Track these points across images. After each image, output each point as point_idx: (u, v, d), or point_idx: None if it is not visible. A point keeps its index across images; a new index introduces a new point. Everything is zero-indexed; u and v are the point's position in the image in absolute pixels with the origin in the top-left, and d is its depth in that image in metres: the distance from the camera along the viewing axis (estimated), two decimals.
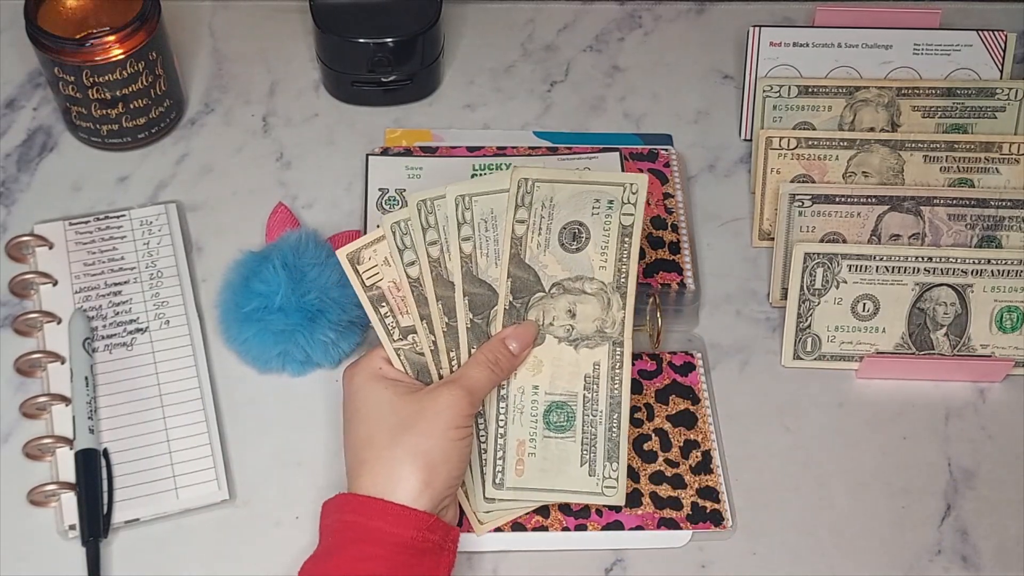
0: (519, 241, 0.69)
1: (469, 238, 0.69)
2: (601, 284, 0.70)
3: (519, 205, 0.68)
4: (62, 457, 0.73)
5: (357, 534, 0.62)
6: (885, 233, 0.82)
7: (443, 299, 0.69)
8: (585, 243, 0.70)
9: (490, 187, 0.69)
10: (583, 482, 0.70)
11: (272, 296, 0.74)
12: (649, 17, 1.00)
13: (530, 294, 0.70)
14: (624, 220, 0.70)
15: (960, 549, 0.73)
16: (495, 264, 0.69)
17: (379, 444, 0.64)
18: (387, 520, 0.62)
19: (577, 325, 0.70)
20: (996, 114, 0.88)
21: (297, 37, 0.97)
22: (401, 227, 0.69)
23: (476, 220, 0.69)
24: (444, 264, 0.69)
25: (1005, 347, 0.80)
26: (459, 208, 0.69)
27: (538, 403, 0.70)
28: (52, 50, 0.81)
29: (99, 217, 0.83)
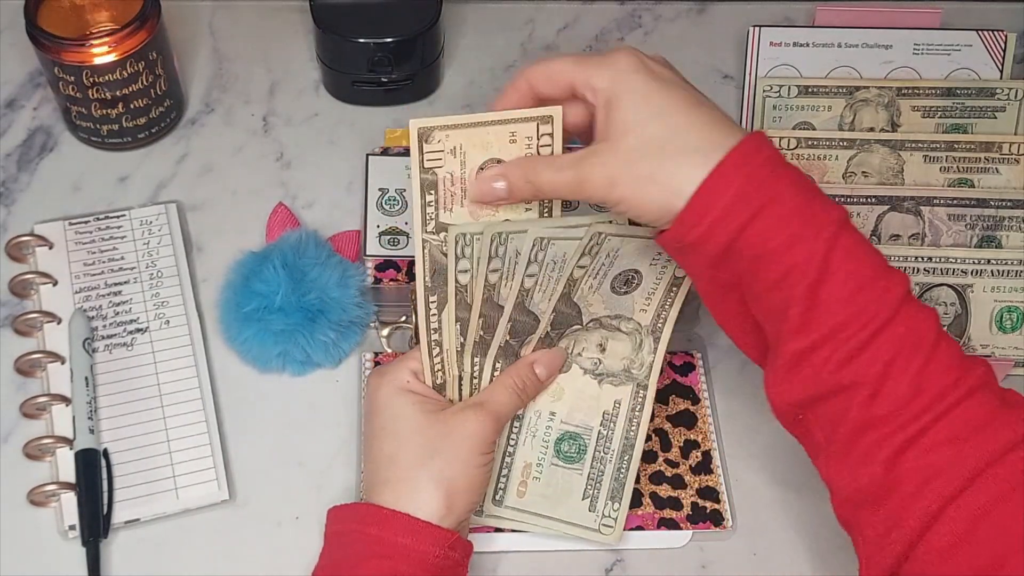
0: (573, 283, 0.68)
1: (534, 275, 0.67)
2: (637, 325, 0.70)
3: (585, 254, 0.67)
4: (62, 457, 0.73)
5: (381, 549, 0.61)
6: (885, 233, 0.82)
7: (486, 316, 0.68)
8: (635, 288, 0.69)
9: (569, 235, 0.67)
10: (582, 516, 0.71)
11: (272, 296, 0.74)
12: (649, 17, 1.00)
13: (568, 327, 0.69)
14: (679, 272, 0.69)
15: None
16: (548, 300, 0.68)
17: (403, 465, 0.64)
18: (413, 537, 0.61)
19: (605, 360, 0.70)
20: (996, 114, 0.88)
21: (297, 37, 0.97)
22: (465, 239, 0.66)
23: (546, 261, 0.67)
24: (499, 290, 0.68)
25: (1005, 347, 0.80)
26: (534, 249, 0.66)
27: (552, 430, 0.70)
28: (52, 50, 0.81)
29: (99, 217, 0.83)
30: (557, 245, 0.67)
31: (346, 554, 0.63)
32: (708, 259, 0.59)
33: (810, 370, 0.58)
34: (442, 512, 0.62)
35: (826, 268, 0.57)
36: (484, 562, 0.72)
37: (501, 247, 0.66)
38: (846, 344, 0.57)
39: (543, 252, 0.67)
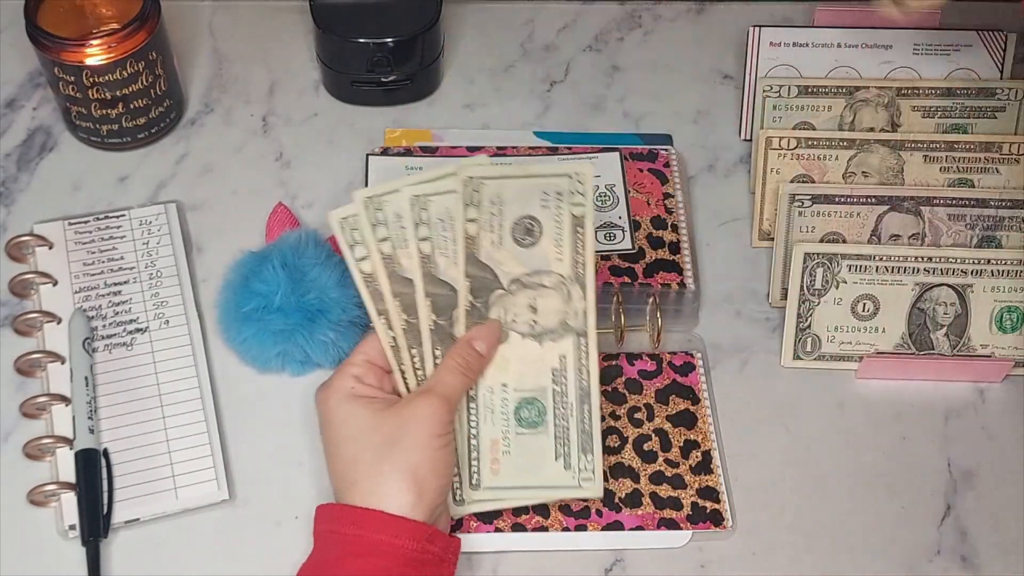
0: (473, 240, 0.68)
1: (427, 238, 0.68)
2: (560, 277, 0.70)
3: (468, 204, 0.68)
4: (62, 457, 0.73)
5: (359, 548, 0.62)
6: (885, 233, 0.82)
7: (400, 295, 0.69)
8: (539, 237, 0.69)
9: (445, 187, 0.69)
10: (559, 477, 0.70)
11: (272, 296, 0.74)
12: (649, 17, 1.00)
13: (489, 292, 0.69)
14: (575, 211, 0.69)
15: (960, 549, 0.74)
16: (455, 264, 0.69)
17: (365, 463, 0.64)
18: (388, 532, 0.62)
19: (540, 320, 0.70)
20: (996, 114, 0.88)
21: (297, 37, 0.97)
22: (351, 221, 0.69)
23: (433, 220, 0.68)
24: (398, 260, 0.69)
25: (1005, 347, 0.80)
26: (415, 208, 0.68)
27: (508, 401, 0.70)
28: (52, 50, 0.81)
29: (99, 217, 0.83)
30: (437, 201, 0.68)
31: (326, 556, 0.63)
32: None
33: None
34: (413, 500, 0.63)
35: None
36: (484, 562, 0.72)
37: (379, 212, 0.68)
38: None
39: (425, 211, 0.68)
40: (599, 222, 0.84)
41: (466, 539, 0.71)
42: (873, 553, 0.73)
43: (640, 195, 0.85)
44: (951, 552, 0.73)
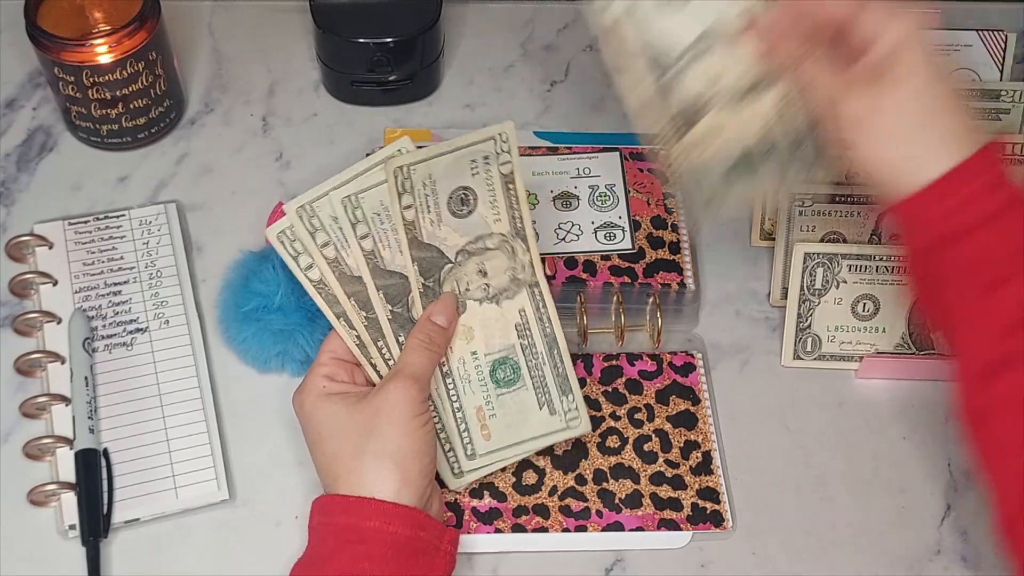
0: (412, 225, 0.70)
1: (367, 235, 0.70)
2: (501, 236, 0.71)
3: (402, 192, 0.69)
4: (62, 457, 0.73)
5: (351, 536, 0.62)
6: (885, 233, 0.82)
7: (354, 295, 0.70)
8: (475, 204, 0.70)
9: (374, 181, 0.70)
10: (547, 423, 0.71)
11: (271, 296, 0.74)
12: None
13: (439, 269, 0.70)
14: (503, 170, 0.71)
15: (960, 549, 0.73)
16: (399, 252, 0.70)
17: (347, 456, 0.64)
18: (380, 519, 0.62)
19: (491, 282, 0.71)
20: (1001, 116, 0.87)
21: (297, 37, 0.96)
22: (288, 234, 0.70)
23: (369, 216, 0.70)
24: (344, 261, 0.70)
25: None
26: (348, 209, 0.69)
27: (481, 367, 0.71)
28: (52, 50, 0.81)
29: (99, 217, 0.83)
30: (369, 197, 0.70)
31: (320, 547, 0.64)
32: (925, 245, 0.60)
33: None
34: (397, 485, 0.63)
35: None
36: (484, 562, 0.72)
37: (313, 219, 0.70)
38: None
39: (359, 209, 0.69)
40: (600, 222, 0.84)
41: (466, 539, 0.72)
42: (873, 553, 0.73)
43: (640, 195, 0.85)
44: (951, 552, 0.73)
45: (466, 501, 0.73)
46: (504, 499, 0.73)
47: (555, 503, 0.73)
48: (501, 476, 0.74)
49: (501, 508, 0.73)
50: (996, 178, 0.59)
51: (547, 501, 0.73)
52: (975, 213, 0.59)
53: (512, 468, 0.74)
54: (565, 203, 0.85)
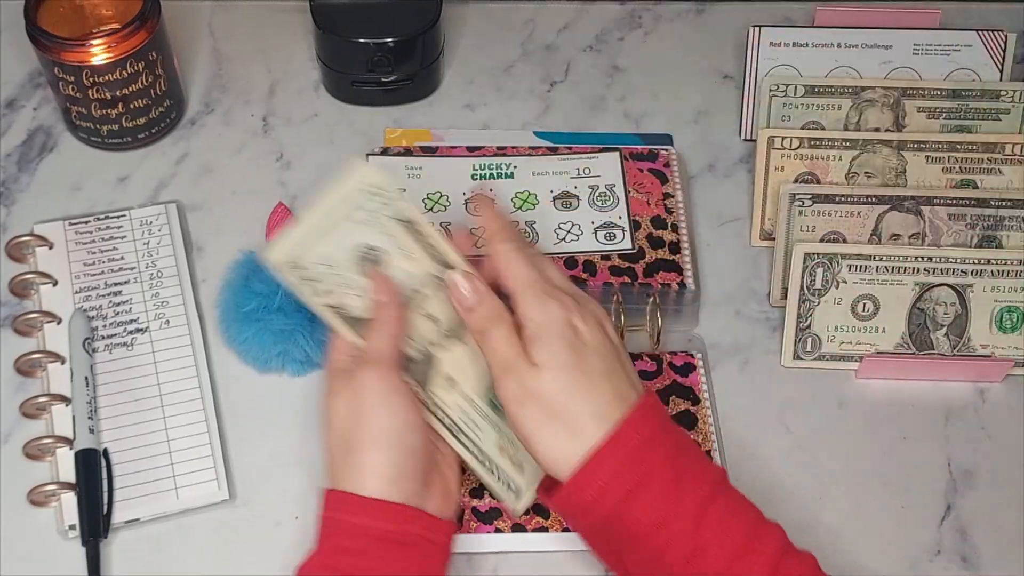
0: (341, 308, 0.67)
1: (330, 292, 0.67)
2: (429, 275, 0.68)
3: (314, 292, 0.67)
4: (62, 457, 0.73)
5: (341, 530, 0.63)
6: (885, 233, 0.82)
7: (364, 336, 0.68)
8: (387, 257, 0.68)
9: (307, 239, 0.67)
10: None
11: (272, 296, 0.74)
12: (649, 17, 1.00)
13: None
14: (399, 216, 0.67)
15: (960, 549, 0.73)
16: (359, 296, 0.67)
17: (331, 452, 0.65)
18: (366, 515, 0.62)
19: (443, 323, 0.68)
20: (1000, 116, 0.87)
21: (297, 37, 0.97)
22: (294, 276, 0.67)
23: (317, 274, 0.67)
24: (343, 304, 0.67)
25: (1005, 347, 0.80)
26: (296, 275, 0.67)
27: (480, 406, 0.68)
28: (52, 50, 0.81)
29: (99, 217, 0.83)
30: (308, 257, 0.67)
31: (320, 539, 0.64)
32: (591, 529, 0.63)
33: None
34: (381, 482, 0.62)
35: (698, 543, 0.60)
36: (484, 562, 0.72)
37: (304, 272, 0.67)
38: None
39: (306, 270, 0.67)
40: (600, 222, 0.84)
41: (466, 539, 0.72)
42: (873, 553, 0.73)
43: (640, 195, 0.85)
44: (951, 552, 0.73)
45: (466, 501, 0.73)
46: None
47: None
48: None
49: (501, 508, 0.73)
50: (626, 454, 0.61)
51: None
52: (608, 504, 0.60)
53: None
54: (565, 203, 0.85)
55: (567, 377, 0.62)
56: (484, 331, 0.65)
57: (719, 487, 0.62)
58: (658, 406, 0.65)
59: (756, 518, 0.62)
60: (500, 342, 0.64)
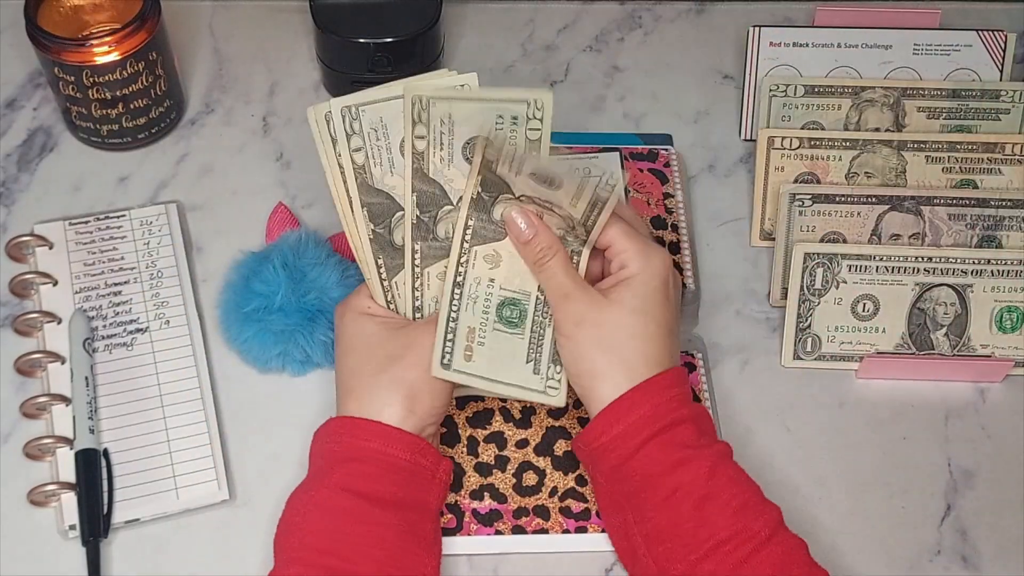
0: (421, 156, 0.69)
1: (360, 148, 0.69)
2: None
3: (416, 122, 0.68)
4: (62, 457, 0.73)
5: (351, 454, 0.65)
6: (885, 233, 0.82)
7: (368, 205, 0.69)
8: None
9: (376, 96, 0.69)
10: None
11: (272, 296, 0.74)
12: (649, 17, 1.00)
13: (437, 208, 0.70)
14: (531, 135, 0.69)
15: (960, 549, 0.74)
16: (391, 173, 0.69)
17: (365, 374, 0.67)
18: (381, 441, 0.65)
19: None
20: (1000, 116, 0.87)
21: (297, 37, 0.97)
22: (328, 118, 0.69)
23: (366, 130, 0.69)
24: (370, 171, 0.69)
25: (1005, 347, 0.80)
26: (346, 120, 0.68)
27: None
28: (52, 50, 0.81)
29: (99, 217, 0.83)
30: (368, 111, 0.69)
31: (317, 468, 0.66)
32: (607, 472, 0.66)
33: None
34: (403, 413, 0.66)
35: (710, 491, 0.63)
36: (484, 563, 0.72)
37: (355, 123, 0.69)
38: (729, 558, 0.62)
39: (357, 121, 0.69)
40: None
41: (466, 541, 0.72)
42: (873, 553, 0.73)
43: (640, 195, 0.85)
44: (951, 552, 0.73)
45: (466, 503, 0.73)
46: (504, 500, 0.73)
47: (555, 504, 0.73)
48: (501, 477, 0.74)
49: (501, 509, 0.73)
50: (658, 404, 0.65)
51: (547, 502, 0.74)
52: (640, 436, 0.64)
53: (512, 469, 0.74)
54: None
55: (636, 320, 0.66)
56: (541, 261, 0.67)
57: (728, 456, 0.67)
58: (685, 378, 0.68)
59: (759, 490, 0.66)
60: (558, 271, 0.67)
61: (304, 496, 0.66)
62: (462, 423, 0.76)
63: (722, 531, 0.62)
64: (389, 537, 0.64)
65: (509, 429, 0.76)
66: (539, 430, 0.76)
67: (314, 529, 0.64)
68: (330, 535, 0.63)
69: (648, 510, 0.64)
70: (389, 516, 0.64)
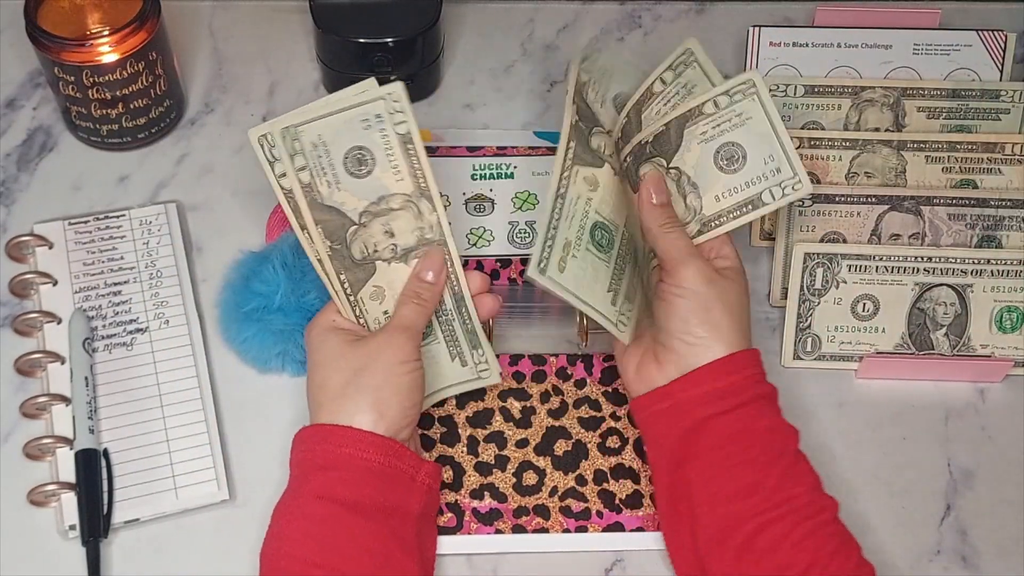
0: (309, 188, 0.69)
1: (304, 167, 0.69)
2: (405, 196, 0.71)
3: (294, 154, 0.68)
4: (62, 457, 0.73)
5: (326, 462, 0.65)
6: (885, 233, 0.82)
7: (321, 222, 0.70)
8: (373, 165, 0.70)
9: (313, 114, 0.69)
10: (460, 374, 0.74)
11: (272, 296, 0.74)
12: (649, 17, 1.00)
13: (343, 231, 0.70)
14: (399, 130, 0.70)
15: (960, 549, 0.74)
16: (337, 189, 0.69)
17: (332, 387, 0.67)
18: (354, 446, 0.65)
19: (399, 242, 0.71)
20: (1000, 116, 0.87)
21: (297, 37, 0.96)
22: (269, 140, 0.69)
23: (307, 149, 0.69)
24: (317, 188, 0.69)
25: (1005, 347, 0.80)
26: (287, 140, 0.68)
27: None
28: (52, 50, 0.81)
29: (99, 217, 0.83)
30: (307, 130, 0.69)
31: (296, 475, 0.67)
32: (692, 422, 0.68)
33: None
34: (374, 419, 0.66)
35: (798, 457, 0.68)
36: (484, 562, 0.72)
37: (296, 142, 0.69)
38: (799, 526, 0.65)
39: (297, 141, 0.69)
40: None
41: (466, 540, 0.72)
42: (873, 553, 0.73)
43: None
44: (951, 552, 0.73)
45: (467, 502, 0.73)
46: (504, 500, 0.73)
47: (555, 504, 0.73)
48: (501, 477, 0.74)
49: (501, 509, 0.73)
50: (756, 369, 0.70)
51: (547, 502, 0.74)
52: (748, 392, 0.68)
53: (512, 469, 0.74)
54: None
55: (746, 300, 0.72)
56: (664, 226, 0.71)
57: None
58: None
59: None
60: (681, 236, 0.72)
61: (282, 507, 0.66)
62: (462, 423, 0.76)
63: (800, 497, 0.65)
64: (369, 543, 0.64)
65: (509, 429, 0.76)
66: (539, 430, 0.76)
67: (294, 538, 0.64)
68: (310, 544, 0.63)
69: (732, 467, 0.67)
70: (368, 522, 0.64)
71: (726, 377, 0.68)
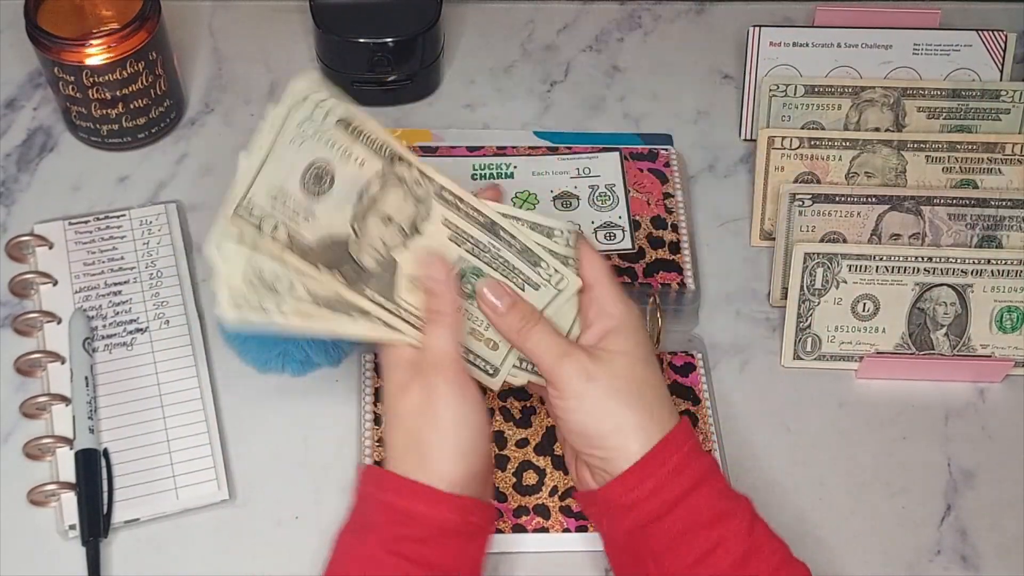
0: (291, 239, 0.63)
1: (276, 224, 0.63)
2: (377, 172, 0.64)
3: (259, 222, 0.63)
4: (62, 457, 0.73)
5: (398, 516, 0.61)
6: (885, 233, 0.82)
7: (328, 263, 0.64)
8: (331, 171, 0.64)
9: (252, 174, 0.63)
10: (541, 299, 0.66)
11: None
12: (649, 17, 1.00)
13: (344, 251, 0.64)
14: (331, 119, 0.64)
15: (960, 549, 0.74)
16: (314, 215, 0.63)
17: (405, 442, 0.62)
18: (428, 504, 0.60)
19: (399, 219, 0.65)
20: (1000, 116, 0.87)
21: (297, 37, 0.97)
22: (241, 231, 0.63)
23: (267, 206, 0.63)
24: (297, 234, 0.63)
25: (1005, 347, 0.80)
26: (245, 216, 0.63)
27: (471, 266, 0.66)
28: (52, 50, 0.81)
29: (99, 217, 0.83)
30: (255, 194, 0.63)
31: (368, 515, 0.62)
32: (630, 529, 0.63)
33: None
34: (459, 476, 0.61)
35: (752, 542, 0.62)
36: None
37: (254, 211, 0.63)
38: None
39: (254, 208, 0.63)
40: (600, 222, 0.84)
41: None
42: (873, 553, 0.73)
43: (640, 195, 0.86)
44: (951, 552, 0.73)
45: None
46: (504, 499, 0.73)
47: (555, 503, 0.73)
48: (501, 477, 0.74)
49: (501, 508, 0.73)
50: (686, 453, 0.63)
51: (547, 501, 0.74)
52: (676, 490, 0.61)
53: (513, 469, 0.74)
54: (565, 203, 0.85)
55: (646, 368, 0.64)
56: (523, 330, 0.64)
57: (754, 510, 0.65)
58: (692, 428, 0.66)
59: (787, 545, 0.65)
60: (546, 335, 0.64)
61: (352, 541, 0.62)
62: None
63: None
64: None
65: (509, 429, 0.76)
66: (539, 430, 0.76)
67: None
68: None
69: (682, 569, 0.61)
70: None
71: (653, 475, 0.61)
